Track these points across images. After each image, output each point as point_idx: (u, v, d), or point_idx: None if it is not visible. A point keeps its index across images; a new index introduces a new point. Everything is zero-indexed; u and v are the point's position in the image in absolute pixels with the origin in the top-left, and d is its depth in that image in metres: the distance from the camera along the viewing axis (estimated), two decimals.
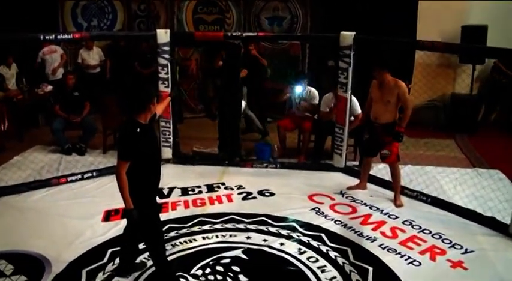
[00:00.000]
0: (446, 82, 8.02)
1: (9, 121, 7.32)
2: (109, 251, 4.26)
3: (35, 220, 4.97)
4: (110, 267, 4.02)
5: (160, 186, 5.55)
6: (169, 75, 6.35)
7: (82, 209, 5.19)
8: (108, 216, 5.00)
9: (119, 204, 3.71)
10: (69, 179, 6.00)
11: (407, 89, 5.26)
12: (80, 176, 6.10)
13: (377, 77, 5.28)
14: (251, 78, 7.47)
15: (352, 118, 6.39)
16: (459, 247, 4.40)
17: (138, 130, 3.43)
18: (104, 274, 3.93)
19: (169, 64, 6.31)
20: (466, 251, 4.32)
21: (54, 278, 3.89)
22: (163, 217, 4.95)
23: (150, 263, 3.97)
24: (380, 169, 6.35)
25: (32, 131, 8.12)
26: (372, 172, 6.24)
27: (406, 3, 8.29)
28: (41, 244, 4.39)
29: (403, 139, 5.24)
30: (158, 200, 5.26)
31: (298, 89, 6.89)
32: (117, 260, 4.04)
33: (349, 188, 5.87)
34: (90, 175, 6.16)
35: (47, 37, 5.41)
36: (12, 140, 7.44)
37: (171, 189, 5.76)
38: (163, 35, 6.21)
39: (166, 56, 6.28)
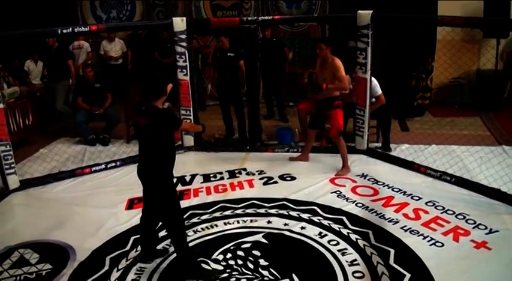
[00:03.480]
0: (470, 58, 7.81)
1: (33, 115, 7.44)
2: (132, 238, 4.34)
3: (59, 210, 5.07)
4: (132, 254, 4.10)
5: (182, 173, 5.74)
6: (187, 63, 6.36)
7: (106, 198, 5.30)
8: (131, 204, 5.08)
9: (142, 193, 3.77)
10: (93, 169, 6.11)
11: (342, 66, 5.45)
12: (103, 166, 6.19)
13: (320, 53, 5.50)
14: (269, 63, 7.44)
15: (374, 99, 6.30)
16: (483, 227, 4.31)
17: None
18: (127, 260, 4.01)
19: (186, 52, 6.32)
20: (490, 232, 4.23)
21: (78, 265, 3.98)
22: (185, 203, 5.04)
23: (171, 249, 4.04)
24: (403, 150, 6.30)
25: (57, 124, 8.24)
26: (394, 153, 6.22)
27: None
28: (66, 233, 4.50)
29: (317, 92, 5.45)
30: (180, 187, 5.42)
31: None
32: (139, 247, 4.10)
33: (291, 158, 6.21)
34: (113, 164, 6.25)
35: (64, 31, 5.46)
36: (37, 134, 7.57)
37: (193, 176, 5.81)
38: (179, 23, 6.21)
39: (184, 44, 6.29)
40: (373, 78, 6.10)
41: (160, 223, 3.96)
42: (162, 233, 4.20)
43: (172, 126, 3.71)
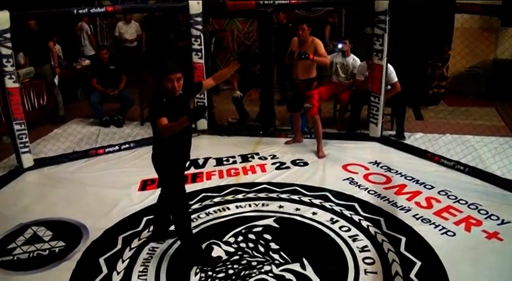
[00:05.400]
0: (487, 47, 7.70)
1: (48, 96, 7.48)
2: (144, 218, 4.39)
3: (73, 189, 5.13)
4: (145, 234, 4.15)
5: (195, 156, 5.78)
6: (203, 46, 6.35)
7: (119, 179, 5.34)
8: (144, 185, 5.12)
9: (155, 174, 3.78)
10: (107, 150, 6.17)
11: (322, 44, 5.62)
12: (117, 147, 6.25)
13: (302, 34, 5.55)
14: (283, 49, 7.41)
15: (389, 87, 6.26)
16: (495, 217, 4.29)
17: (164, 99, 3.45)
18: (139, 240, 4.06)
19: (202, 35, 6.30)
20: (502, 222, 4.21)
21: (91, 244, 4.04)
22: (198, 186, 5.09)
23: None
24: (417, 139, 6.27)
25: (71, 105, 8.29)
26: (408, 142, 6.20)
27: None
28: (79, 212, 4.55)
29: (304, 58, 5.43)
30: (193, 170, 5.44)
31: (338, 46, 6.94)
32: (152, 228, 4.15)
33: (287, 142, 6.36)
34: (127, 146, 6.30)
35: (80, 11, 5.48)
36: (51, 115, 7.62)
37: (206, 159, 5.84)
38: (195, 6, 6.19)
39: (199, 26, 6.28)
40: (389, 65, 6.05)
41: None
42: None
43: (151, 119, 3.52)
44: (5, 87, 5.27)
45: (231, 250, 3.87)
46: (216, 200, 4.78)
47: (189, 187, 4.91)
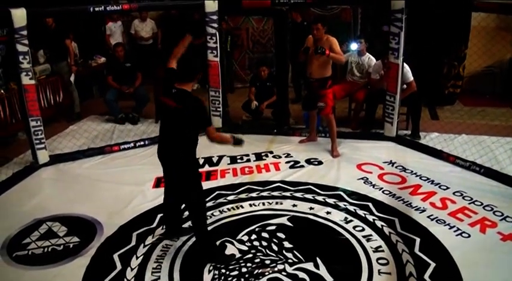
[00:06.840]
0: (504, 46, 7.60)
1: (64, 93, 7.53)
2: (158, 216, 4.41)
3: (88, 185, 5.18)
4: (159, 231, 4.17)
5: (209, 154, 5.77)
6: (218, 44, 6.35)
7: (134, 176, 5.37)
8: (158, 183, 5.13)
9: None
10: (122, 147, 6.21)
11: (337, 42, 5.58)
12: (132, 144, 6.29)
13: (317, 33, 5.54)
14: (298, 47, 7.39)
15: (405, 86, 6.21)
16: (511, 219, 4.24)
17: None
18: (153, 237, 4.09)
19: (217, 33, 6.31)
20: None
21: (105, 240, 4.08)
22: (212, 184, 5.11)
23: None
24: (432, 139, 6.22)
25: (87, 102, 8.36)
26: (423, 141, 6.16)
27: None
28: (94, 208, 4.59)
29: (320, 52, 5.39)
30: (207, 168, 5.45)
31: (354, 46, 6.92)
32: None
33: (301, 141, 6.36)
34: (142, 143, 6.33)
35: (96, 9, 5.51)
36: (67, 112, 7.67)
37: (220, 157, 5.84)
38: (211, 4, 6.18)
39: (215, 25, 6.27)
40: (405, 64, 6.00)
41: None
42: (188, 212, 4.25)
43: (199, 123, 3.59)
44: (22, 84, 5.33)
45: (245, 248, 3.88)
46: (230, 198, 4.79)
47: (204, 185, 4.90)
